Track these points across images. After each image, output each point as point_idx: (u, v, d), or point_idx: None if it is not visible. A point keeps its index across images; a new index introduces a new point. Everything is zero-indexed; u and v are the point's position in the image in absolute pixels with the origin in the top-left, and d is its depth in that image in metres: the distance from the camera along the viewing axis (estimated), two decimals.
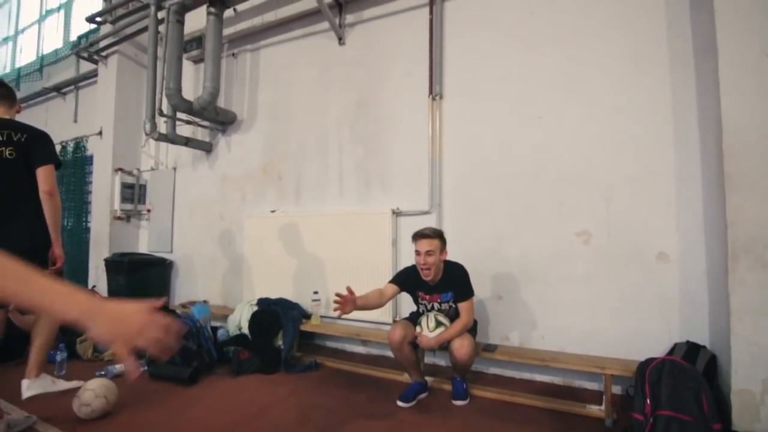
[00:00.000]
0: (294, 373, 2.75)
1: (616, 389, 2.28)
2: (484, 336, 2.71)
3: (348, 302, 2.07)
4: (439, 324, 2.25)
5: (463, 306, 2.32)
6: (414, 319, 2.43)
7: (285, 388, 2.52)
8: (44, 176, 2.18)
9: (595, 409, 2.08)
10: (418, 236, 2.35)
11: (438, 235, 2.34)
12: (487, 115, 2.86)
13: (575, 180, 2.56)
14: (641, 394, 1.75)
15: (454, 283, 2.36)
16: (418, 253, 2.32)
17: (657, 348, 2.19)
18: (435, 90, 2.99)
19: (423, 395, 2.38)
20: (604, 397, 2.05)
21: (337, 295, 2.07)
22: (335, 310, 2.07)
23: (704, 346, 2.09)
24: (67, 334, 3.18)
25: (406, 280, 2.43)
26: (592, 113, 2.55)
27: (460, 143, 2.94)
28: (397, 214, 3.09)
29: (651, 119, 2.41)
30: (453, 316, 2.35)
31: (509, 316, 2.68)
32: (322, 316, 3.16)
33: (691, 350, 2.02)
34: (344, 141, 3.45)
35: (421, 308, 2.47)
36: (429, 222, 2.95)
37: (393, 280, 2.45)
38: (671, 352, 2.05)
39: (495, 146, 2.82)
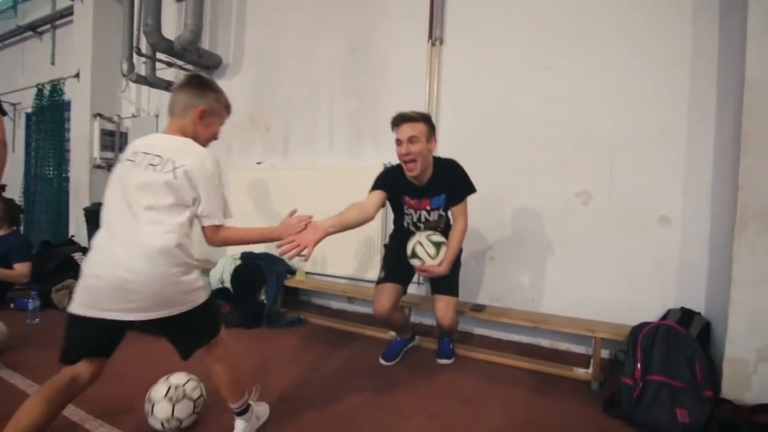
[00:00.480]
0: (276, 327, 2.69)
1: (604, 353, 2.24)
2: (473, 296, 2.64)
3: (305, 235, 1.51)
4: (438, 246, 1.90)
5: (458, 209, 1.97)
6: (397, 251, 2.02)
7: (265, 343, 2.45)
8: None
9: (582, 372, 2.03)
10: (398, 120, 1.87)
11: (424, 118, 1.89)
12: (489, 64, 2.65)
13: (579, 138, 2.40)
14: (632, 358, 1.69)
15: (447, 182, 1.93)
16: (398, 142, 1.86)
17: (650, 315, 2.12)
18: (435, 34, 2.75)
19: (411, 345, 2.31)
20: (592, 360, 2.00)
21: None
22: (290, 252, 1.50)
23: (699, 313, 2.02)
24: (42, 283, 3.08)
25: (390, 182, 1.95)
26: (603, 66, 2.35)
27: (460, 94, 2.74)
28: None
29: (666, 74, 2.22)
30: (444, 228, 2.03)
31: (500, 277, 2.60)
32: (307, 273, 3.06)
33: (685, 316, 1.95)
34: (336, 91, 3.23)
35: (406, 221, 2.08)
36: None
37: (375, 185, 1.95)
38: (664, 317, 1.98)
39: (496, 99, 2.63)
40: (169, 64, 3.79)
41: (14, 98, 5.66)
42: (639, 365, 1.65)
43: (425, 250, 1.90)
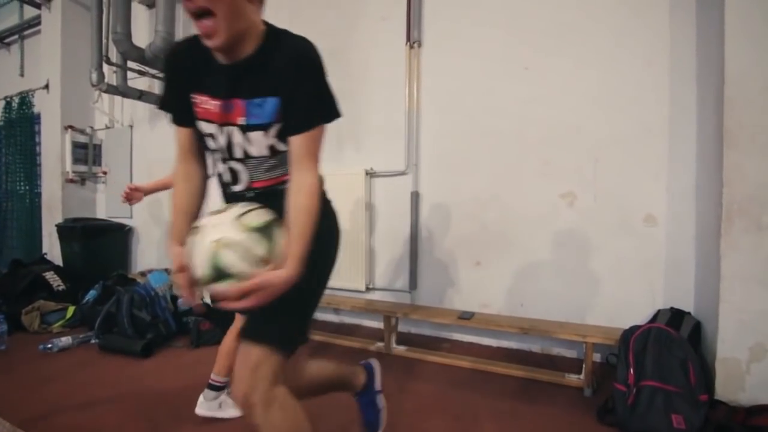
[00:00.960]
0: None
1: (596, 357, 2.19)
2: (460, 303, 2.58)
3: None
4: (266, 231, 0.85)
5: (304, 143, 0.97)
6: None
7: None
8: None
9: (575, 379, 1.98)
10: None
11: None
12: (469, 65, 2.60)
13: (562, 138, 2.37)
14: (624, 363, 1.64)
15: (284, 71, 0.95)
16: None
17: (639, 316, 2.09)
18: (413, 36, 2.69)
19: (377, 383, 1.46)
20: (584, 366, 1.95)
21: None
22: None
23: (688, 313, 1.99)
24: (11, 305, 2.93)
25: (172, 71, 1.05)
26: (583, 65, 2.32)
27: (440, 97, 2.69)
28: (371, 174, 2.86)
29: (646, 72, 2.20)
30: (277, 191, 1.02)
31: (487, 282, 2.54)
32: None
33: (675, 317, 1.91)
34: None
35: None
36: (405, 183, 2.75)
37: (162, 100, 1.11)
38: (654, 319, 1.94)
39: (477, 101, 2.58)
40: (141, 73, 3.66)
41: None
42: (632, 370, 1.60)
43: (243, 256, 0.81)
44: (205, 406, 1.63)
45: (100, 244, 3.81)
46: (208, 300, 2.82)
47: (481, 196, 2.56)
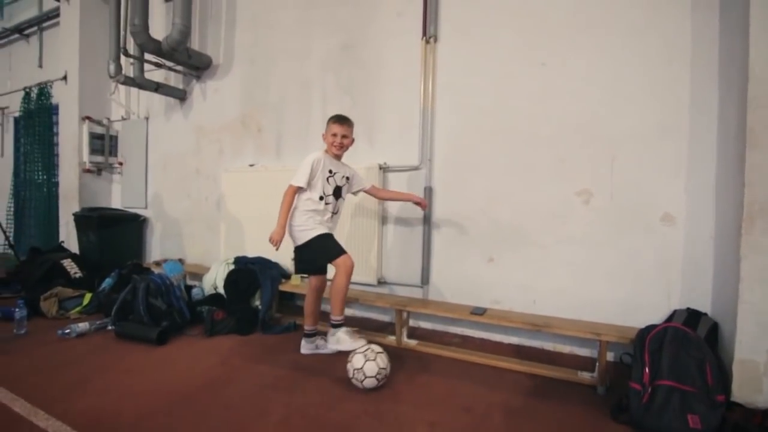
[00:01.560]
0: (272, 334, 2.61)
1: (609, 356, 2.17)
2: (472, 299, 2.58)
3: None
4: None
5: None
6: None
7: (259, 349, 2.38)
8: None
9: (587, 377, 1.98)
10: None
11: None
12: (485, 61, 2.59)
13: (578, 135, 2.35)
14: (640, 362, 1.63)
15: None
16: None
17: (655, 315, 2.07)
18: (429, 31, 2.68)
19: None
20: (597, 364, 1.94)
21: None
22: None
23: (705, 314, 1.97)
24: (29, 291, 2.99)
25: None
26: (601, 61, 2.29)
27: (455, 92, 2.68)
28: (384, 169, 2.87)
29: (666, 68, 2.17)
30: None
31: (500, 279, 2.54)
32: (302, 276, 2.98)
33: (691, 317, 1.89)
34: (329, 90, 3.16)
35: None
36: (419, 178, 2.75)
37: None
38: (670, 318, 1.92)
39: (493, 96, 2.57)
40: (158, 65, 3.70)
41: (2, 102, 5.56)
42: (647, 369, 1.59)
43: None
44: (306, 347, 2.30)
45: (115, 234, 3.87)
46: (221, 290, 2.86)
47: (495, 192, 2.55)
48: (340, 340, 2.10)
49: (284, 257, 3.05)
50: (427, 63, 2.72)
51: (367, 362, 1.85)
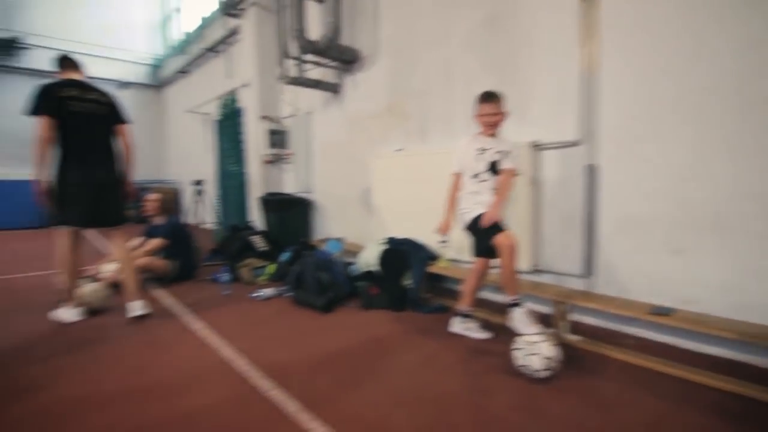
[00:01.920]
0: (422, 312, 2.71)
1: None
2: (650, 295, 2.20)
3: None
4: None
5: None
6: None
7: (412, 326, 2.50)
8: (128, 131, 2.68)
9: None
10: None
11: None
12: (665, 11, 2.10)
13: None
14: None
15: None
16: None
17: None
18: None
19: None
20: None
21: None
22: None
23: None
24: (230, 260, 3.73)
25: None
26: None
27: (624, 54, 2.25)
28: (537, 147, 2.63)
29: None
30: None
31: (691, 274, 2.09)
32: (452, 260, 3.00)
33: None
34: (472, 69, 3.02)
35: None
36: (579, 156, 2.44)
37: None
38: None
39: (676, 55, 2.07)
40: (316, 64, 4.10)
41: (206, 108, 6.98)
42: None
43: None
44: (458, 327, 2.36)
45: (289, 214, 4.54)
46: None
47: (682, 168, 2.09)
48: (515, 319, 2.07)
49: (433, 239, 3.12)
50: (588, 24, 2.35)
51: (547, 349, 1.81)
